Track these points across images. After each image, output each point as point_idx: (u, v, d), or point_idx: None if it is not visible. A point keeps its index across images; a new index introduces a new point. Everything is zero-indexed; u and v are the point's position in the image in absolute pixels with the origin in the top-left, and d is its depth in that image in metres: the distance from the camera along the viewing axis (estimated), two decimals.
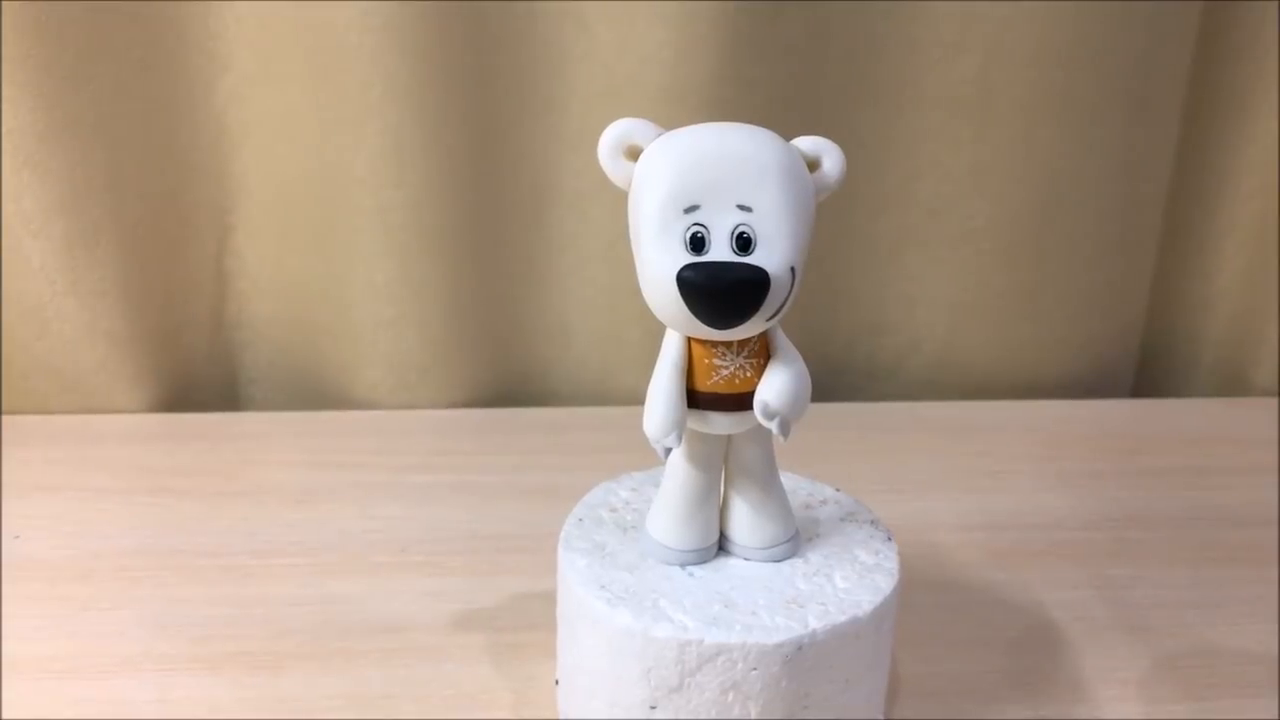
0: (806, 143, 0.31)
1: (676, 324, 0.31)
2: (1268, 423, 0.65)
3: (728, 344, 0.32)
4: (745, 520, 0.35)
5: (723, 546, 0.35)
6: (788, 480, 0.38)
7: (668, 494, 0.34)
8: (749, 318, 0.30)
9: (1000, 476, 0.58)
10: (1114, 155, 0.64)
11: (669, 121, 0.31)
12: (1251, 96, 0.66)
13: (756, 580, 0.34)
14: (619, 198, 0.32)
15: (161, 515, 0.51)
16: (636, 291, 0.31)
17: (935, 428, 0.64)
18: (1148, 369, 0.73)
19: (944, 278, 0.67)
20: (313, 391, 0.66)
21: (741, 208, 0.30)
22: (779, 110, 0.60)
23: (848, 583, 0.34)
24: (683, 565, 0.34)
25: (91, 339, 0.60)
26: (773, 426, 0.31)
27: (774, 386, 0.31)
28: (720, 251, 0.30)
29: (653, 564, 0.34)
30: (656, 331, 0.32)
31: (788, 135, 0.32)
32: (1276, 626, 0.45)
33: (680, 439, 0.32)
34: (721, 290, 0.29)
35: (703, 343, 0.32)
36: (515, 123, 0.61)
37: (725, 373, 0.32)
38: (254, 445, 0.59)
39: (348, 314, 0.63)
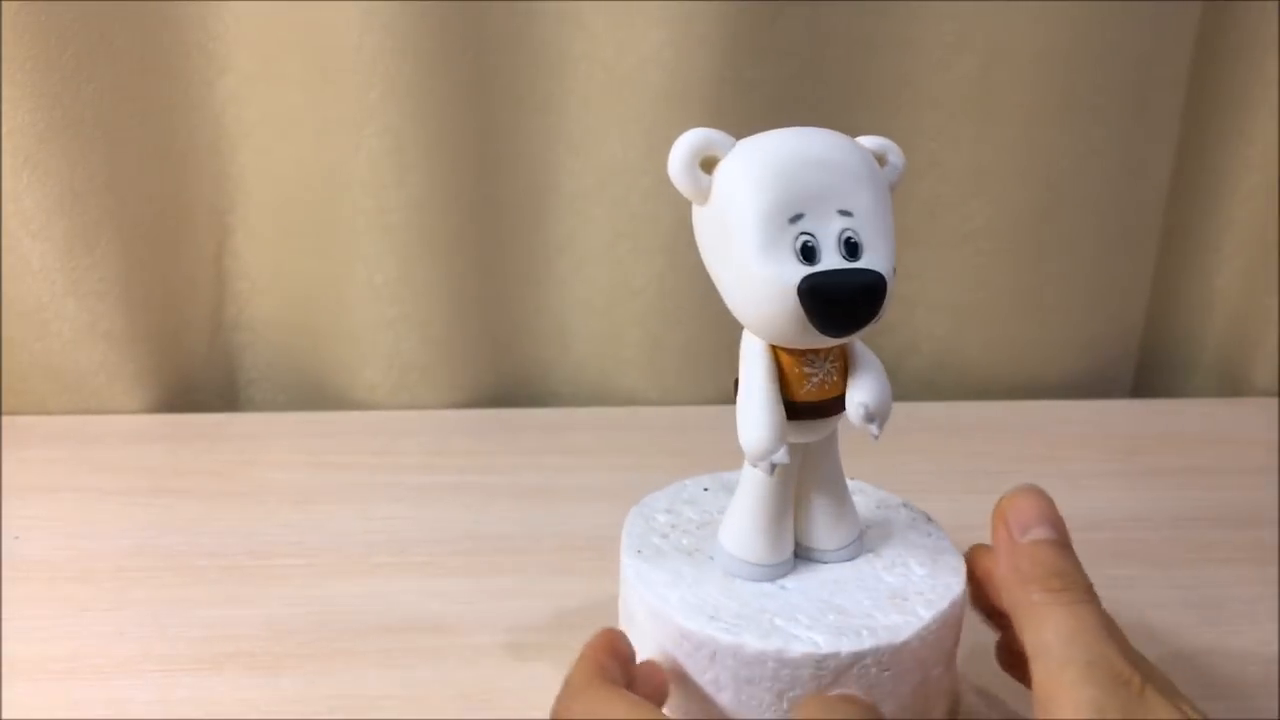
0: (871, 142, 0.31)
1: (779, 334, 0.30)
2: (1267, 423, 0.65)
3: (815, 351, 0.31)
4: (827, 523, 0.34)
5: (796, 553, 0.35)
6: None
7: (750, 511, 0.33)
8: (869, 323, 0.29)
9: (1000, 476, 0.58)
10: (1114, 155, 0.64)
11: (670, 121, 0.31)
12: (1251, 96, 0.66)
13: (849, 582, 0.33)
14: (619, 198, 0.32)
15: (161, 515, 0.51)
16: (636, 292, 0.31)
17: (935, 428, 0.64)
18: (1148, 369, 0.73)
19: (944, 278, 0.67)
20: (312, 392, 0.66)
21: (843, 213, 0.29)
22: (779, 111, 0.60)
23: (925, 568, 0.34)
24: (772, 580, 0.33)
25: (91, 340, 0.60)
26: (872, 429, 0.31)
27: (869, 389, 0.31)
28: (831, 259, 0.29)
29: (740, 583, 0.33)
30: (656, 332, 0.32)
31: None
32: (1276, 626, 0.45)
33: (787, 452, 0.31)
34: (846, 298, 0.29)
35: (791, 352, 0.31)
36: (515, 123, 0.61)
37: (815, 380, 0.31)
38: (254, 445, 0.59)
39: (348, 315, 0.63)
